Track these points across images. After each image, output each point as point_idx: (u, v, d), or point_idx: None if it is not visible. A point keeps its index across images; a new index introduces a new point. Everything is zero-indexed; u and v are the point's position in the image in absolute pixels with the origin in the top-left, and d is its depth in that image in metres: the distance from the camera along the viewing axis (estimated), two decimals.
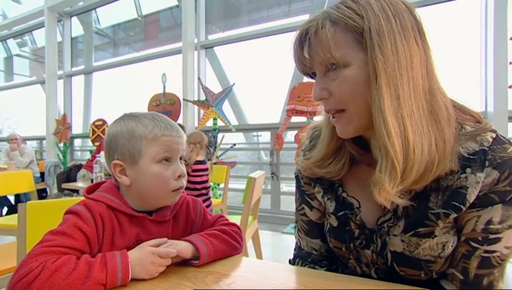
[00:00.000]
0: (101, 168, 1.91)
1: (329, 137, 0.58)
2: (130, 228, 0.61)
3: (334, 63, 0.50)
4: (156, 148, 0.61)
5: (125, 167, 0.62)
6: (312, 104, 2.94)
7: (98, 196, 0.62)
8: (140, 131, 0.61)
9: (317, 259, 0.65)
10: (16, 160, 3.81)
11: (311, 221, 0.66)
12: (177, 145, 0.63)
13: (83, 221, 0.56)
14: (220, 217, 0.73)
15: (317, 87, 0.53)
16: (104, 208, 0.60)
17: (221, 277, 0.58)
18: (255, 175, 1.74)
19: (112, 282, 0.51)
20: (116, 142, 0.62)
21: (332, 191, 0.61)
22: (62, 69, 5.42)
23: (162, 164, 0.62)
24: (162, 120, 0.63)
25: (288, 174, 3.96)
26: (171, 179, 0.62)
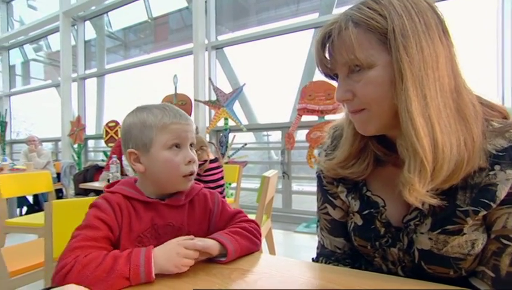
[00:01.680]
0: (117, 168, 1.95)
1: (353, 137, 0.59)
2: (145, 213, 0.66)
3: (358, 65, 0.50)
4: (166, 136, 0.65)
5: (139, 155, 0.66)
6: (323, 102, 2.94)
7: (115, 188, 0.68)
8: (151, 120, 0.65)
9: (341, 257, 0.65)
10: (33, 161, 3.91)
11: (334, 220, 0.66)
12: (185, 133, 0.67)
13: (102, 211, 0.62)
14: (239, 212, 0.76)
15: (340, 89, 0.54)
16: (120, 198, 0.65)
17: (246, 273, 0.60)
18: (268, 174, 1.75)
19: (135, 276, 0.53)
20: (130, 133, 0.67)
21: (357, 190, 0.62)
22: (76, 72, 5.54)
23: (172, 150, 0.66)
24: (171, 109, 0.68)
25: (300, 173, 3.96)
26: (181, 164, 0.66)
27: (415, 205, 0.50)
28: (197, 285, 0.55)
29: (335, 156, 0.62)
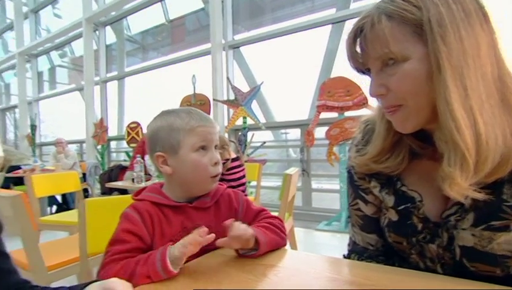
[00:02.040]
0: (141, 168, 2.00)
1: (386, 132, 0.57)
2: (174, 217, 0.67)
3: (392, 58, 0.49)
4: (194, 138, 0.67)
5: (167, 158, 0.68)
6: (343, 99, 2.89)
7: (143, 196, 0.70)
8: (178, 124, 0.67)
9: (374, 254, 0.64)
10: (61, 162, 4.09)
11: (366, 216, 0.65)
12: (211, 135, 0.69)
13: (131, 223, 0.63)
14: (263, 209, 0.77)
15: (374, 84, 0.52)
16: (149, 205, 0.67)
17: (279, 269, 0.60)
18: (290, 172, 1.75)
19: (154, 273, 0.55)
20: (157, 136, 0.69)
21: (391, 185, 0.60)
22: (98, 76, 5.73)
23: (199, 152, 0.67)
24: (197, 113, 0.70)
25: (319, 171, 3.92)
26: (208, 165, 0.68)
27: (455, 200, 0.48)
28: (231, 281, 0.56)
29: (367, 152, 0.61)
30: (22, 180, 3.50)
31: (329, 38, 4.10)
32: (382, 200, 0.62)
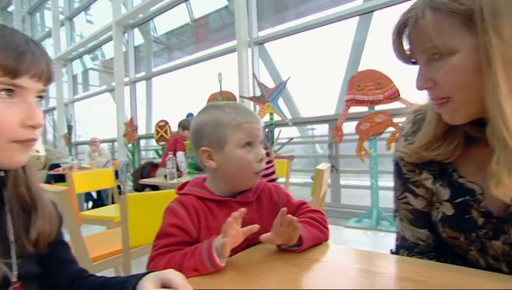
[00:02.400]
0: (173, 165, 2.05)
1: (437, 119, 0.54)
2: (219, 211, 0.68)
3: (437, 52, 0.47)
4: (240, 134, 0.66)
5: (212, 153, 0.68)
6: (373, 92, 2.80)
7: (187, 190, 0.70)
8: (225, 119, 0.67)
9: (425, 250, 0.61)
10: (96, 160, 4.30)
11: (416, 210, 0.62)
12: (257, 131, 0.69)
13: (177, 217, 0.64)
14: (303, 203, 0.76)
15: (420, 77, 0.51)
16: (194, 199, 0.67)
17: (326, 264, 0.59)
18: (322, 167, 1.72)
19: (202, 265, 0.55)
20: (203, 131, 0.69)
21: (445, 177, 0.57)
22: (128, 76, 5.95)
23: (245, 148, 0.67)
24: (242, 109, 0.70)
25: (348, 167, 3.83)
26: (253, 162, 0.67)
27: (506, 202, 0.45)
28: (277, 274, 0.56)
29: (416, 140, 0.58)
30: (61, 177, 3.72)
31: (357, 30, 3.98)
32: (435, 192, 0.58)
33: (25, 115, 0.45)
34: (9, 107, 0.43)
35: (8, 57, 0.42)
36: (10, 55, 0.42)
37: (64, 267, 0.58)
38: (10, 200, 0.50)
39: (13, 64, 0.42)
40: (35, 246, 0.51)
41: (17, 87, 0.44)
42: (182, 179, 2.05)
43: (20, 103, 0.45)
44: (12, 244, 0.48)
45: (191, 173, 2.29)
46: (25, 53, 0.43)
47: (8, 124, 0.43)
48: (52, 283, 0.56)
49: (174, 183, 1.96)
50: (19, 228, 0.50)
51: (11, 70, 0.42)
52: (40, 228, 0.51)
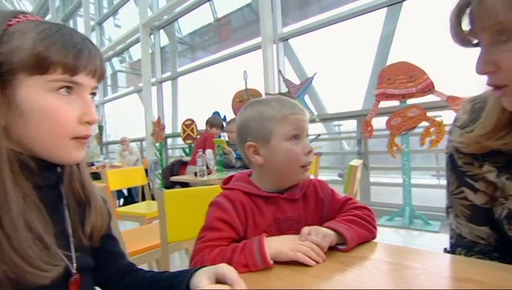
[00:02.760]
0: (203, 162, 2.08)
1: (502, 106, 0.50)
2: (266, 208, 0.66)
3: (504, 31, 0.42)
4: (286, 127, 0.65)
5: (258, 147, 0.67)
6: (405, 86, 2.68)
7: (233, 185, 0.69)
8: (270, 112, 0.66)
9: (486, 249, 0.57)
10: (126, 159, 4.46)
11: (475, 205, 0.58)
12: (303, 123, 0.67)
13: (224, 212, 0.63)
14: (349, 198, 0.73)
15: (481, 60, 0.46)
16: (241, 194, 0.66)
17: (376, 262, 0.56)
18: (355, 163, 1.67)
19: (252, 261, 0.54)
20: (248, 126, 0.68)
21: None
22: (154, 77, 6.11)
23: (291, 141, 0.65)
24: (287, 101, 0.68)
25: (379, 163, 3.72)
26: (301, 154, 0.65)
27: None
28: (326, 273, 0.54)
29: (475, 129, 0.53)
30: (95, 175, 3.89)
31: (385, 22, 3.84)
32: (500, 187, 0.54)
33: (82, 111, 0.46)
34: (68, 104, 0.45)
35: (67, 54, 0.43)
36: (70, 53, 0.43)
37: (115, 261, 0.60)
38: (67, 195, 0.52)
39: (72, 62, 0.43)
40: (90, 240, 0.53)
41: (75, 84, 0.45)
42: (212, 177, 2.07)
43: (77, 99, 0.46)
44: (70, 237, 0.50)
45: (219, 171, 2.31)
46: (82, 50, 0.44)
47: (67, 120, 0.44)
48: (103, 276, 0.58)
49: (204, 180, 1.98)
50: (75, 222, 0.52)
51: (71, 67, 0.43)
52: (93, 222, 0.53)
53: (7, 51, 0.40)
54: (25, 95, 0.42)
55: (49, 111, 0.43)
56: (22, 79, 0.41)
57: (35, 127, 0.43)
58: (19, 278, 0.38)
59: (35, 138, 0.43)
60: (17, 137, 0.43)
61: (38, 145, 0.44)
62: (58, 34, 0.43)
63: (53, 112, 0.43)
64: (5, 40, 0.41)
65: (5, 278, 0.37)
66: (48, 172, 0.48)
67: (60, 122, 0.44)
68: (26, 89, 0.42)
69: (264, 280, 0.52)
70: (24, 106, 0.42)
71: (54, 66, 0.42)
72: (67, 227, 0.50)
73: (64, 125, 0.44)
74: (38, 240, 0.42)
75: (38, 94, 0.42)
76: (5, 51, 0.40)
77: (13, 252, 0.38)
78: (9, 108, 0.42)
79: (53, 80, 0.42)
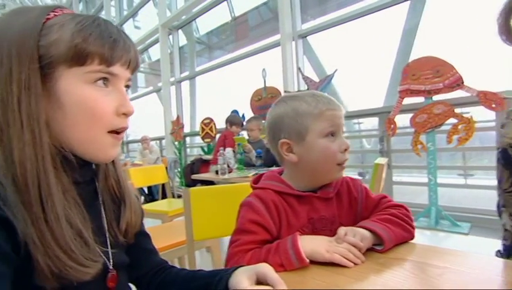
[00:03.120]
0: (224, 160, 2.08)
1: None
2: (300, 207, 0.64)
3: None
4: (323, 123, 0.62)
5: (292, 145, 0.64)
6: (431, 81, 2.58)
7: (264, 184, 0.67)
8: (305, 108, 0.63)
9: None
10: (147, 157, 4.54)
11: None
12: (339, 119, 0.64)
13: (256, 214, 0.61)
14: (383, 197, 0.70)
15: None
16: (273, 194, 0.64)
17: (423, 265, 0.53)
18: (380, 162, 1.62)
19: (287, 261, 0.53)
20: (282, 122, 0.65)
21: None
22: (173, 76, 6.20)
23: (328, 138, 0.63)
24: (322, 96, 0.65)
25: (400, 162, 3.61)
26: (337, 152, 0.62)
27: None
28: (365, 274, 0.52)
29: None
30: None
31: (408, 17, 3.72)
32: None
33: (119, 103, 0.46)
34: (105, 95, 0.45)
35: (104, 45, 0.43)
36: (106, 43, 0.43)
37: (148, 258, 0.60)
38: (102, 191, 0.52)
39: (109, 52, 0.43)
40: (125, 237, 0.53)
41: (111, 75, 0.45)
42: (233, 175, 2.07)
43: (113, 91, 0.46)
44: (107, 234, 0.50)
45: (240, 169, 2.30)
46: (117, 41, 0.44)
47: (105, 112, 0.44)
48: (137, 274, 0.58)
49: (225, 178, 1.99)
50: (110, 218, 0.52)
51: (107, 58, 0.43)
52: (128, 219, 0.53)
53: (47, 44, 0.41)
54: (65, 88, 0.42)
55: (88, 103, 0.43)
56: (62, 71, 0.42)
57: (73, 120, 0.43)
58: (62, 273, 0.38)
59: (74, 132, 0.44)
60: (57, 132, 0.43)
61: (76, 140, 0.44)
62: (94, 25, 0.43)
63: (91, 103, 0.43)
64: (44, 34, 0.41)
65: (49, 274, 0.37)
66: (84, 168, 0.48)
67: (97, 114, 0.44)
68: (65, 81, 0.42)
69: (301, 280, 0.51)
70: (64, 98, 0.42)
71: (92, 57, 0.42)
72: (104, 223, 0.51)
73: (101, 117, 0.44)
74: (79, 235, 0.42)
75: (77, 86, 0.42)
76: (44, 44, 0.41)
77: (57, 247, 0.38)
78: (50, 101, 0.42)
79: (91, 70, 0.42)
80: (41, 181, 0.39)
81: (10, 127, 0.39)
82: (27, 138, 0.39)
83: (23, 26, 0.40)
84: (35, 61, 0.40)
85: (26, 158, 0.38)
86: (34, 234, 0.37)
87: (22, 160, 0.38)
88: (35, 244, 0.37)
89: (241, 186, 1.14)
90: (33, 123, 0.39)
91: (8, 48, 0.39)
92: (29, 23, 0.41)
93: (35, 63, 0.40)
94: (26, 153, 0.38)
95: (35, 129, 0.39)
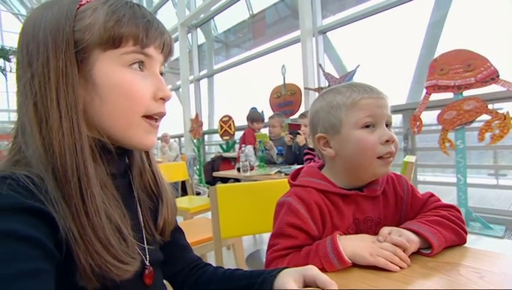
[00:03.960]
0: (246, 157, 2.06)
1: None
2: (345, 207, 0.60)
3: None
4: (357, 113, 0.58)
5: (329, 139, 0.61)
6: (461, 76, 2.46)
7: (305, 181, 0.62)
8: (339, 100, 0.60)
9: None
10: (167, 154, 4.61)
11: None
12: (379, 109, 0.58)
13: (296, 217, 0.57)
14: (431, 195, 0.64)
15: None
16: (315, 193, 0.60)
17: (479, 271, 0.49)
18: (410, 160, 1.55)
19: (328, 263, 0.50)
20: (317, 117, 0.63)
21: None
22: (192, 75, 6.25)
23: (365, 129, 0.58)
24: (359, 85, 0.61)
25: (424, 160, 3.48)
26: (376, 143, 0.57)
27: None
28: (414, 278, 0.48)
29: None
30: None
31: (434, 8, 3.56)
32: None
33: (156, 87, 0.45)
34: (142, 79, 0.43)
35: (138, 25, 0.42)
36: (140, 24, 0.42)
37: (182, 254, 0.58)
38: (137, 187, 0.51)
39: (143, 33, 0.42)
40: (161, 234, 0.51)
41: (146, 56, 0.43)
42: (254, 172, 2.05)
43: (150, 75, 0.44)
44: (143, 230, 0.49)
45: (261, 167, 2.28)
46: (151, 22, 0.43)
47: (142, 95, 0.43)
48: (172, 270, 0.56)
49: (247, 176, 1.97)
50: (146, 215, 0.51)
51: (141, 38, 0.42)
52: (165, 216, 0.52)
53: (81, 28, 0.40)
54: (101, 71, 0.41)
55: (125, 86, 0.42)
56: (97, 55, 0.41)
57: (110, 105, 0.42)
58: (102, 270, 0.37)
59: (110, 117, 0.42)
60: (93, 119, 0.42)
61: (113, 127, 0.43)
62: (127, 7, 0.42)
63: (128, 86, 0.42)
64: (78, 19, 0.40)
65: (91, 273, 0.36)
66: (119, 159, 0.47)
67: (135, 98, 0.43)
68: (101, 64, 0.41)
69: (345, 284, 0.48)
70: (100, 82, 0.41)
71: (126, 38, 0.41)
72: (140, 219, 0.49)
73: (139, 101, 0.43)
74: (118, 231, 0.41)
75: (113, 69, 0.41)
76: (79, 29, 0.40)
77: (97, 241, 0.37)
78: (86, 88, 0.41)
79: (125, 52, 0.42)
80: (80, 172, 0.38)
81: (50, 117, 0.38)
82: (66, 127, 0.38)
83: (58, 14, 0.40)
84: (72, 47, 0.39)
85: (65, 148, 0.38)
86: (75, 229, 0.36)
87: (62, 150, 0.37)
88: (76, 240, 0.35)
89: (267, 184, 1.11)
90: (71, 112, 0.39)
91: (43, 38, 0.39)
92: (63, 10, 0.40)
93: (72, 49, 0.39)
94: (66, 143, 0.38)
95: (73, 117, 0.39)
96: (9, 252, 0.30)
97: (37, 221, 0.33)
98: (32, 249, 0.31)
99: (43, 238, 0.33)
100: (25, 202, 0.33)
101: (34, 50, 0.39)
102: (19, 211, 0.32)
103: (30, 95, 0.39)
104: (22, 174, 0.35)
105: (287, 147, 2.33)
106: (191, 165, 4.88)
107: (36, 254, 0.31)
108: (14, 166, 0.37)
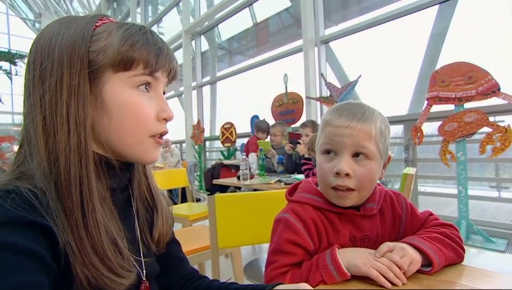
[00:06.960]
0: (246, 166, 2.07)
1: None
2: (341, 225, 0.60)
3: None
4: (321, 138, 0.60)
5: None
6: (462, 88, 2.47)
7: (301, 197, 0.62)
8: (323, 119, 0.63)
9: None
10: (168, 160, 4.61)
11: None
12: (340, 138, 0.57)
13: (294, 233, 0.57)
14: (430, 214, 0.65)
15: None
16: (311, 210, 0.60)
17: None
18: (410, 172, 1.55)
19: (328, 276, 0.51)
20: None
21: None
22: (195, 81, 6.30)
23: (324, 155, 0.59)
24: (345, 109, 0.59)
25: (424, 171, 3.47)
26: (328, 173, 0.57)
27: None
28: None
29: None
30: None
31: (436, 21, 3.59)
32: None
33: (160, 108, 0.46)
34: (147, 100, 0.45)
35: (150, 51, 0.44)
36: (152, 50, 0.44)
37: (178, 266, 0.58)
38: (136, 200, 0.52)
39: (154, 59, 0.44)
40: (157, 246, 0.52)
41: (154, 78, 0.45)
42: (254, 181, 2.05)
43: (154, 97, 0.46)
44: (140, 243, 0.49)
45: (261, 175, 2.28)
46: (162, 49, 0.45)
47: (147, 117, 0.45)
48: (167, 282, 0.56)
49: (247, 184, 1.97)
50: (143, 227, 0.51)
51: (152, 63, 0.44)
52: (160, 228, 0.52)
53: (96, 50, 0.42)
54: (111, 92, 0.43)
55: (132, 107, 0.43)
56: (109, 76, 0.43)
57: (118, 124, 0.43)
58: (98, 283, 0.37)
59: (118, 134, 0.44)
60: (100, 135, 0.44)
61: (120, 143, 0.44)
62: (141, 33, 0.44)
63: (136, 107, 0.44)
64: (94, 40, 0.42)
65: (87, 285, 0.36)
66: (122, 174, 0.48)
67: (141, 119, 0.44)
68: (111, 85, 0.43)
69: None
70: (110, 102, 0.43)
71: (137, 62, 0.43)
72: (136, 232, 0.50)
73: (144, 122, 0.45)
74: (114, 244, 0.41)
75: (122, 90, 0.43)
76: (94, 50, 0.42)
77: (94, 254, 0.37)
78: (96, 105, 0.42)
79: (135, 74, 0.43)
80: (83, 187, 0.39)
81: (58, 131, 0.39)
82: (73, 143, 0.39)
83: (75, 33, 0.42)
84: (86, 66, 0.41)
85: (71, 163, 0.39)
86: (73, 242, 0.36)
87: (67, 165, 0.38)
88: (73, 252, 0.36)
89: (266, 194, 1.11)
90: (80, 128, 0.40)
91: (59, 55, 0.40)
92: (80, 30, 0.42)
93: (85, 69, 0.41)
94: (72, 158, 0.39)
95: (82, 134, 0.40)
96: (8, 265, 0.30)
97: (37, 235, 0.34)
98: (31, 262, 0.32)
99: (42, 251, 0.33)
100: (26, 216, 0.33)
101: (48, 65, 0.40)
102: (21, 225, 0.33)
103: (39, 107, 0.40)
104: (25, 188, 0.36)
105: (287, 156, 2.34)
106: (192, 171, 4.88)
107: (34, 266, 0.32)
108: (19, 179, 0.38)
